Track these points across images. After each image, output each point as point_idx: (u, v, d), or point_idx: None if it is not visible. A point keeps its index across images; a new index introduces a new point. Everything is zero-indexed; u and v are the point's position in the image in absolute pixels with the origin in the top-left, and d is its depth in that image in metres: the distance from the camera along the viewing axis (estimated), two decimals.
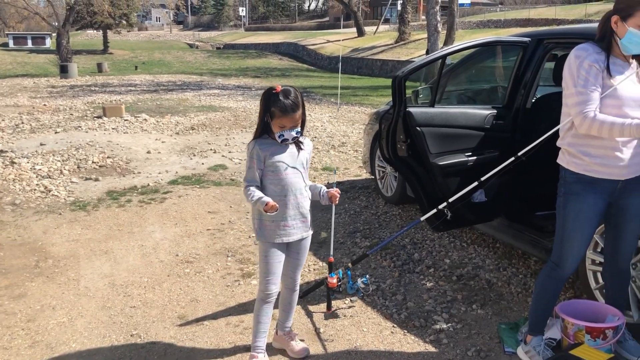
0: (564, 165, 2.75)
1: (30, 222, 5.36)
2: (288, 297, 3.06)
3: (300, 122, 2.75)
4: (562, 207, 2.77)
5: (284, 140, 2.75)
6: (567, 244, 2.76)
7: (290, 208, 2.81)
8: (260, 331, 2.93)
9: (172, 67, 31.79)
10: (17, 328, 3.42)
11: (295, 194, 2.82)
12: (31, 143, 8.86)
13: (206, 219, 5.42)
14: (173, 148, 8.65)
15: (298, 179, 2.83)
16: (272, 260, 2.84)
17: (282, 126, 2.70)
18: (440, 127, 3.60)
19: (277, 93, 2.68)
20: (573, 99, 2.59)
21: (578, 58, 2.57)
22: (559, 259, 2.80)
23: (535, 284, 2.94)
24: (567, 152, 2.73)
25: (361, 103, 14.79)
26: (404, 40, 31.10)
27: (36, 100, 15.33)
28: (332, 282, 3.44)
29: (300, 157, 2.85)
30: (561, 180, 2.80)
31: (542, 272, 2.91)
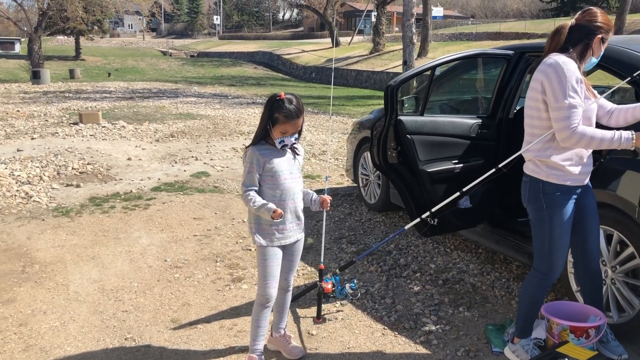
0: (542, 178, 2.78)
1: (13, 228, 5.31)
2: (282, 298, 3.13)
3: (300, 128, 2.86)
4: (547, 219, 2.80)
5: (284, 146, 2.84)
6: (556, 253, 2.83)
7: (288, 212, 2.89)
8: (260, 334, 2.98)
9: (146, 75, 31.55)
10: (9, 332, 3.41)
11: (293, 198, 2.91)
12: (7, 149, 8.75)
13: (192, 225, 5.45)
14: (154, 155, 8.63)
15: (295, 184, 2.92)
16: (272, 264, 2.90)
17: (284, 132, 2.78)
18: (429, 135, 3.73)
19: (282, 100, 2.76)
20: (561, 112, 2.62)
21: (569, 71, 2.61)
22: (548, 269, 2.87)
23: (524, 295, 2.99)
24: (546, 165, 2.77)
25: (338, 113, 14.95)
26: (379, 52, 31.48)
27: (9, 105, 15.08)
28: (327, 287, 3.51)
29: (297, 163, 2.95)
30: (537, 193, 2.81)
31: (530, 283, 2.95)
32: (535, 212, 2.87)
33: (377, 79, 25.73)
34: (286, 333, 3.21)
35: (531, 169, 2.84)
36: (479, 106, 4.74)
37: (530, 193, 2.86)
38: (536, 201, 2.83)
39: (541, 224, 2.84)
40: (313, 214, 5.68)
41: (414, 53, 16.33)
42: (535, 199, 2.83)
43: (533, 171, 2.83)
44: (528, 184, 2.87)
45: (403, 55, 16.03)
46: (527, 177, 2.88)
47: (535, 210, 2.86)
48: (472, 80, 4.95)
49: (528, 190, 2.87)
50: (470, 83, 5.03)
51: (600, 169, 3.18)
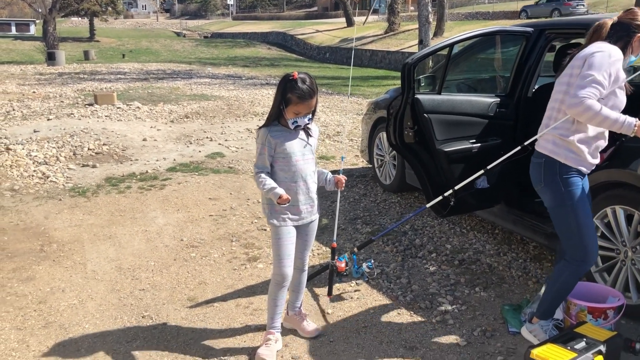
0: (560, 159, 2.76)
1: (31, 208, 5.37)
2: (298, 277, 3.13)
3: (314, 108, 2.82)
4: (567, 202, 2.76)
5: (297, 127, 2.81)
6: (587, 236, 2.77)
7: (300, 193, 2.88)
8: (277, 313, 3.00)
9: (160, 56, 31.55)
10: (29, 309, 3.46)
11: (306, 179, 2.88)
12: (24, 130, 8.80)
13: (208, 205, 5.47)
14: (169, 136, 8.65)
15: (308, 165, 2.89)
16: (285, 242, 2.89)
17: (297, 113, 2.75)
18: (446, 114, 3.69)
19: (295, 80, 2.72)
20: (583, 81, 2.61)
21: (613, 57, 2.66)
22: (584, 254, 2.78)
23: (555, 280, 2.90)
24: (566, 146, 2.75)
25: (352, 93, 14.84)
26: (394, 31, 31.12)
27: (25, 87, 15.17)
28: (340, 266, 3.51)
29: (310, 143, 2.91)
30: (553, 175, 2.78)
31: (563, 270, 2.85)
32: (553, 197, 2.81)
33: (392, 59, 25.48)
34: (302, 311, 3.22)
35: (550, 148, 2.80)
36: (497, 85, 4.67)
37: (545, 175, 2.82)
38: (553, 184, 2.79)
39: (563, 209, 2.79)
40: (328, 194, 5.68)
41: (429, 32, 16.13)
42: (552, 182, 2.79)
43: (552, 151, 2.79)
44: (543, 165, 2.82)
45: (419, 34, 15.85)
46: (542, 157, 2.83)
47: (554, 194, 2.80)
48: (490, 58, 4.87)
49: (543, 172, 2.82)
50: (488, 61, 4.95)
51: (621, 148, 3.13)
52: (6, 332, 3.20)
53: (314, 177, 2.95)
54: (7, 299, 3.58)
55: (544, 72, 4.59)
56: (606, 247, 3.32)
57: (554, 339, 2.67)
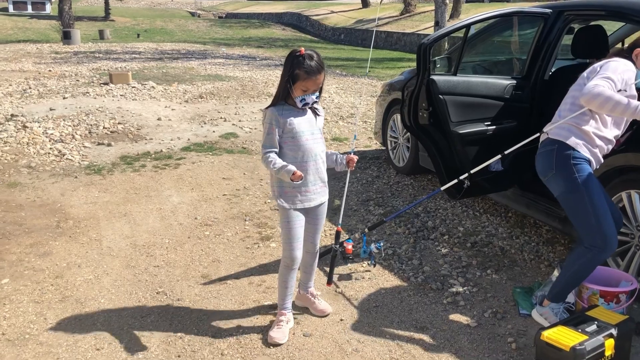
0: (573, 145, 2.79)
1: (47, 185, 5.44)
2: (309, 260, 3.14)
3: (321, 85, 2.78)
4: (582, 187, 2.75)
5: (305, 105, 2.77)
6: (605, 221, 2.75)
7: (310, 174, 2.85)
8: (287, 294, 3.01)
9: (175, 36, 31.51)
10: (47, 283, 3.52)
11: (315, 159, 2.86)
12: (40, 108, 8.87)
13: (221, 185, 5.50)
14: (183, 116, 8.68)
15: (317, 145, 2.86)
16: (294, 226, 2.87)
17: (305, 89, 2.72)
18: (461, 95, 3.66)
19: (302, 55, 2.69)
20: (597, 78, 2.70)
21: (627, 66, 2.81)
22: (604, 241, 2.75)
23: (570, 265, 2.89)
24: (581, 134, 2.80)
25: (367, 75, 14.76)
26: (410, 13, 30.76)
27: (41, 65, 15.26)
28: (348, 248, 3.39)
29: (318, 123, 2.89)
30: (566, 160, 2.79)
31: (580, 256, 2.83)
32: (566, 183, 2.81)
33: (407, 41, 25.21)
34: (314, 290, 3.25)
35: (564, 135, 2.82)
36: (514, 67, 4.62)
37: (558, 161, 2.82)
38: (565, 169, 2.79)
39: (577, 195, 2.77)
40: (340, 175, 5.69)
41: (446, 14, 15.95)
42: (565, 167, 2.79)
43: (565, 137, 2.82)
44: (555, 152, 2.83)
45: (435, 16, 15.68)
46: (555, 144, 2.84)
47: (566, 180, 2.80)
48: (507, 40, 4.81)
49: (555, 158, 2.83)
50: (505, 43, 4.89)
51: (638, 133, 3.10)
52: (24, 305, 3.27)
53: (323, 157, 2.93)
54: (25, 273, 3.65)
55: (562, 55, 4.54)
56: (620, 231, 3.30)
57: (565, 322, 2.67)
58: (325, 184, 2.96)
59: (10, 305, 3.26)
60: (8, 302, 3.30)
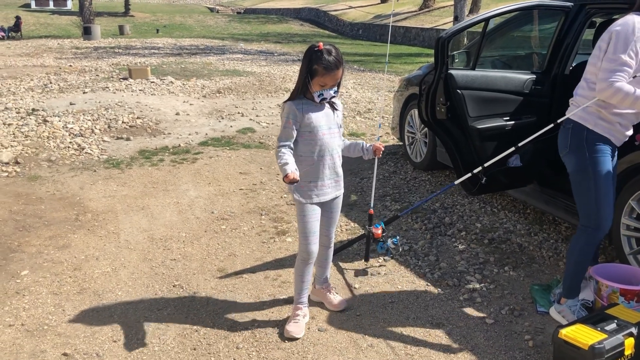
0: (588, 126, 2.78)
1: (67, 178, 5.50)
2: (324, 253, 3.13)
3: (340, 80, 2.77)
4: (590, 168, 2.78)
5: (322, 100, 2.76)
6: (604, 203, 2.79)
7: (326, 168, 2.85)
8: (304, 289, 3.01)
9: (194, 31, 31.66)
10: (65, 275, 3.56)
11: (332, 154, 2.85)
12: (61, 102, 8.98)
13: (238, 179, 5.52)
14: (201, 110, 8.72)
15: (334, 139, 2.85)
16: (310, 219, 2.87)
17: (323, 85, 2.70)
18: (480, 90, 3.62)
19: (321, 50, 2.67)
20: (611, 64, 2.64)
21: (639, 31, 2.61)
22: (597, 222, 2.82)
23: (571, 252, 2.93)
24: (598, 114, 2.76)
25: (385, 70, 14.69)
26: (428, 7, 30.53)
27: (62, 61, 15.44)
28: (377, 232, 3.51)
29: (336, 118, 2.87)
30: (580, 141, 2.80)
31: (579, 239, 2.90)
32: (577, 162, 2.83)
33: (426, 36, 25.03)
34: (329, 285, 3.24)
35: (580, 115, 2.82)
36: (534, 61, 4.55)
37: (572, 141, 2.84)
38: (578, 149, 2.82)
39: (584, 174, 2.82)
40: (356, 170, 5.67)
41: (465, 9, 15.79)
42: (578, 147, 2.82)
43: (581, 118, 2.81)
44: (570, 131, 2.85)
45: (454, 10, 15.54)
46: (571, 123, 2.86)
47: (578, 159, 2.83)
48: (526, 34, 4.74)
49: (570, 137, 2.85)
50: (524, 37, 4.82)
51: None
52: (43, 297, 3.31)
53: (339, 152, 2.92)
54: (44, 265, 3.70)
55: (583, 50, 4.46)
56: None
57: (584, 320, 2.63)
58: (341, 178, 2.96)
59: (30, 297, 3.31)
60: (27, 293, 3.35)
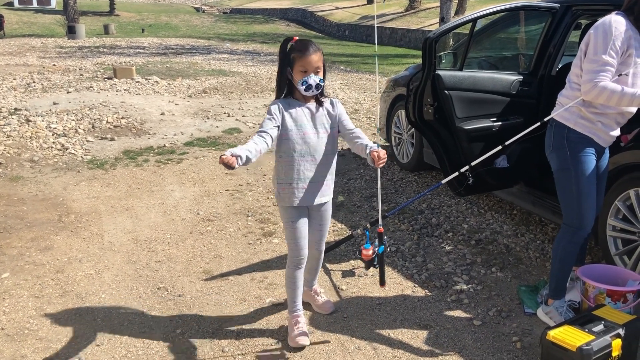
0: (569, 125, 2.78)
1: (50, 179, 5.42)
2: (314, 263, 3.04)
3: (321, 68, 2.64)
4: (571, 166, 2.79)
5: (308, 87, 2.61)
6: (585, 203, 2.80)
7: (307, 170, 2.72)
8: (297, 295, 2.93)
9: (179, 31, 31.46)
10: (47, 278, 3.50)
11: (314, 155, 2.71)
12: (44, 102, 8.85)
13: (224, 180, 5.47)
14: (187, 110, 8.65)
15: (318, 141, 2.71)
16: (297, 225, 2.78)
17: (304, 71, 2.59)
18: (467, 91, 3.61)
19: (295, 41, 2.64)
20: (593, 65, 2.64)
21: (617, 29, 2.61)
22: (579, 221, 2.83)
23: (555, 252, 2.95)
24: (579, 113, 2.76)
25: (371, 71, 14.69)
26: (414, 9, 30.64)
27: (45, 60, 15.24)
28: (366, 253, 2.89)
29: (322, 118, 2.72)
30: (561, 140, 2.81)
31: (561, 239, 2.92)
32: (559, 161, 2.85)
33: (412, 37, 25.10)
34: (317, 288, 3.21)
35: (561, 114, 2.83)
36: (520, 62, 4.56)
37: (554, 140, 2.86)
38: (560, 148, 2.83)
39: (566, 173, 2.83)
40: (343, 171, 5.65)
41: (451, 10, 15.85)
42: (559, 147, 2.83)
43: (562, 117, 2.82)
44: (553, 130, 2.87)
45: (440, 12, 15.60)
46: (554, 122, 2.87)
47: (559, 159, 2.84)
48: (513, 35, 4.75)
49: (552, 137, 2.87)
50: (511, 38, 4.83)
51: None
52: (24, 300, 3.24)
53: (329, 156, 2.77)
54: (26, 268, 3.63)
55: (569, 51, 4.47)
56: (627, 229, 3.26)
57: (571, 321, 2.63)
58: (328, 184, 2.81)
59: (10, 300, 3.24)
60: (8, 296, 3.28)
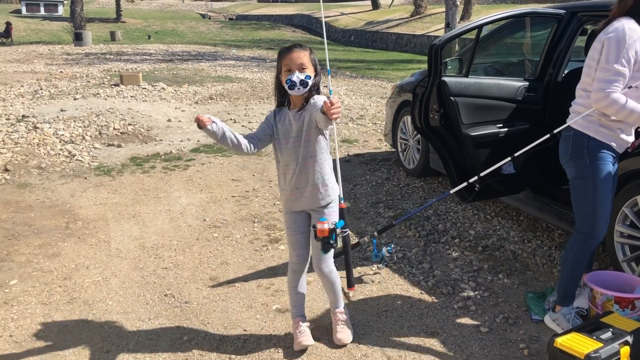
0: (589, 133, 2.76)
1: (57, 186, 5.45)
2: (324, 282, 2.92)
3: (308, 66, 2.59)
4: (590, 174, 2.76)
5: (292, 85, 2.56)
6: (600, 211, 2.78)
7: (296, 176, 2.70)
8: (295, 300, 2.94)
9: (185, 37, 31.62)
10: (55, 285, 3.51)
11: (306, 161, 2.67)
12: (51, 109, 8.92)
13: (230, 187, 5.48)
14: (193, 117, 8.68)
15: (306, 146, 2.65)
16: (292, 232, 2.82)
17: (288, 69, 2.59)
18: (473, 97, 3.61)
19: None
20: (605, 74, 2.63)
21: (632, 37, 2.58)
22: (592, 229, 2.81)
23: (565, 259, 2.93)
24: (598, 121, 2.74)
25: (377, 77, 14.72)
26: (420, 14, 30.67)
27: (52, 67, 15.36)
28: (321, 227, 2.50)
29: (301, 124, 2.64)
30: (580, 148, 2.78)
31: (572, 246, 2.89)
32: (577, 169, 2.82)
33: (417, 43, 25.13)
34: (340, 315, 2.98)
35: (580, 122, 2.80)
36: (526, 68, 4.56)
37: (573, 148, 2.82)
38: (579, 157, 2.80)
39: (584, 182, 2.80)
40: (349, 177, 5.66)
41: (457, 15, 15.86)
42: (578, 155, 2.80)
43: (582, 126, 2.79)
44: (571, 138, 2.83)
45: (446, 17, 15.61)
46: (571, 130, 2.84)
47: (578, 167, 2.82)
48: (519, 41, 4.75)
49: (571, 145, 2.83)
50: (517, 44, 4.83)
51: None
52: (32, 307, 3.26)
53: (317, 159, 2.67)
54: (34, 275, 3.65)
55: (575, 57, 4.47)
56: (636, 236, 3.24)
57: (579, 328, 2.62)
58: (319, 188, 2.70)
59: (18, 307, 3.26)
60: (16, 303, 3.30)
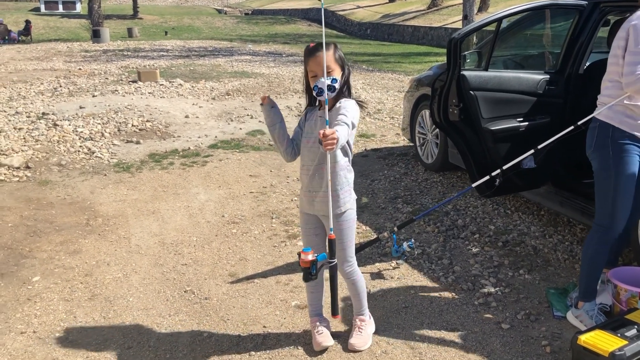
0: (614, 124, 2.73)
1: (77, 183, 5.50)
2: (345, 280, 2.83)
3: (334, 67, 2.55)
4: (612, 166, 2.74)
5: (319, 92, 2.51)
6: (620, 203, 2.76)
7: (317, 178, 2.67)
8: (313, 298, 2.93)
9: (202, 33, 31.72)
10: (76, 282, 3.55)
11: (322, 166, 2.61)
12: (71, 106, 8.99)
13: (248, 182, 5.49)
14: (210, 113, 8.71)
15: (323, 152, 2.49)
16: (306, 232, 2.83)
17: (313, 75, 2.56)
18: (493, 91, 3.57)
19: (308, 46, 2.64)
20: (635, 57, 2.60)
21: None
22: (611, 221, 2.79)
23: (585, 252, 2.91)
24: (623, 111, 2.71)
25: (393, 70, 14.62)
26: (437, 6, 30.41)
27: (71, 64, 15.49)
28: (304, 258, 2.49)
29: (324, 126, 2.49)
30: (604, 139, 2.76)
31: (591, 239, 2.88)
32: (600, 160, 2.81)
33: (434, 35, 24.93)
34: (358, 321, 2.91)
35: (605, 113, 2.77)
36: (547, 61, 4.49)
37: (597, 139, 2.81)
38: (603, 147, 2.78)
39: (606, 173, 2.78)
40: (366, 172, 5.63)
41: (474, 7, 15.71)
42: (602, 146, 2.78)
43: (606, 116, 2.77)
44: (596, 130, 2.82)
45: (463, 9, 15.45)
46: (597, 122, 2.82)
47: (601, 158, 2.80)
48: (539, 33, 4.68)
49: (595, 137, 2.82)
50: (537, 36, 4.76)
51: None
52: (54, 303, 3.30)
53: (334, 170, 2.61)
54: (56, 271, 3.69)
55: (597, 48, 4.39)
56: None
57: (603, 325, 2.58)
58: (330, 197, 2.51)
59: (41, 303, 3.30)
60: (39, 299, 3.34)
